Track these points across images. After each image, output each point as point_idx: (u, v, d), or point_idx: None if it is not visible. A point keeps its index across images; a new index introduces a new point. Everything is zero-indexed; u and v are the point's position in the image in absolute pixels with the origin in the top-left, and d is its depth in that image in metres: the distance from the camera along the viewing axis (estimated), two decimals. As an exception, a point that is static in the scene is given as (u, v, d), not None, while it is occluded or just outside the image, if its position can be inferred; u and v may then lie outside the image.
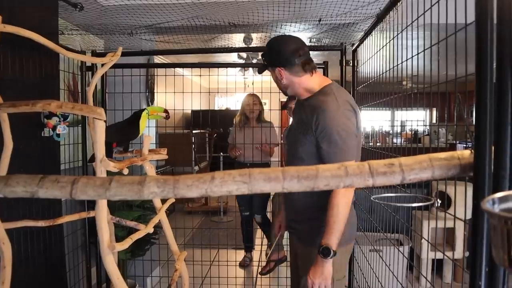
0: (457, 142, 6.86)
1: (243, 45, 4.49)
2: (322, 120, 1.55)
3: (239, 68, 6.43)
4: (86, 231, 2.91)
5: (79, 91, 3.01)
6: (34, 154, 2.22)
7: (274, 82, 1.78)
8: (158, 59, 5.77)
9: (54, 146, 2.43)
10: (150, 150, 1.94)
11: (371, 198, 1.77)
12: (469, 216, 0.85)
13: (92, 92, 2.11)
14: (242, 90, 7.64)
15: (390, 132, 5.90)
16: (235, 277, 3.42)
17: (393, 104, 1.97)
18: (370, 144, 4.64)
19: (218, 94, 9.75)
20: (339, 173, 0.83)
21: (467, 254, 1.46)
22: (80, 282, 2.97)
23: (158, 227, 2.08)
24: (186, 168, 6.13)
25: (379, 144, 5.97)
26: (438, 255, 3.24)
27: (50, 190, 0.89)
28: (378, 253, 2.39)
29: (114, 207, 2.80)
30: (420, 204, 2.71)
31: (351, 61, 2.65)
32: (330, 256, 1.49)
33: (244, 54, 5.60)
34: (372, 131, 5.69)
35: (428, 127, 7.74)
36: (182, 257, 2.00)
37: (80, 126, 2.95)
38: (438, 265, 3.59)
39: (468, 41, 1.04)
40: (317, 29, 2.92)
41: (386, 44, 1.94)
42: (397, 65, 1.78)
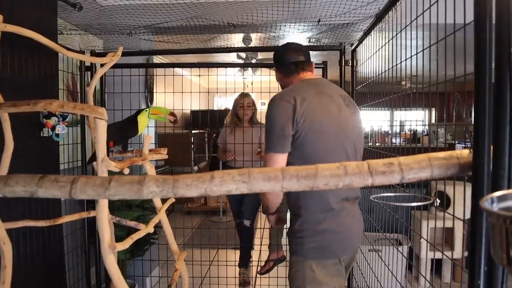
0: (456, 142, 6.87)
1: (242, 45, 4.49)
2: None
3: (238, 68, 6.42)
4: (86, 231, 2.91)
5: (78, 91, 3.01)
6: (33, 154, 2.22)
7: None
8: (157, 59, 5.77)
9: (53, 146, 2.43)
10: (151, 150, 1.94)
11: (370, 198, 1.77)
12: (468, 216, 0.86)
13: (92, 92, 2.11)
14: (241, 90, 7.63)
15: (389, 132, 5.91)
16: (235, 277, 3.41)
17: (392, 104, 1.97)
18: (369, 144, 4.64)
19: (217, 94, 9.76)
20: (338, 172, 0.83)
21: (466, 254, 1.46)
22: (79, 282, 2.97)
23: (158, 227, 2.08)
24: (185, 168, 6.12)
25: (378, 144, 5.97)
26: (437, 255, 3.24)
27: (49, 189, 0.89)
28: (377, 253, 2.39)
29: (114, 207, 2.80)
30: (419, 203, 2.72)
31: (350, 61, 2.66)
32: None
33: (243, 54, 5.60)
34: (371, 131, 5.69)
35: (427, 127, 7.75)
36: (182, 257, 2.01)
37: (79, 126, 2.95)
38: (437, 264, 3.59)
39: (467, 40, 1.05)
40: (316, 29, 2.92)
41: (385, 44, 1.95)
42: (395, 65, 1.78)
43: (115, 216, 2.12)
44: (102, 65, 2.05)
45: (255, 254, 4.06)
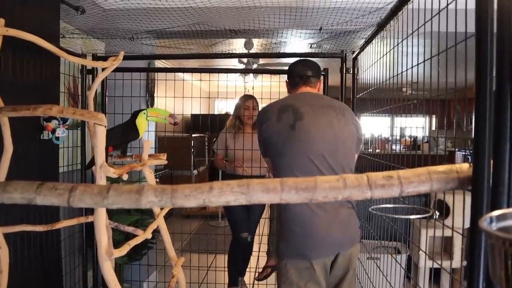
0: (456, 149, 6.87)
1: (244, 49, 4.51)
2: None
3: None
4: (83, 234, 2.90)
5: (79, 94, 3.01)
6: (32, 157, 2.22)
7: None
8: (159, 63, 5.77)
9: (53, 149, 2.42)
10: (150, 155, 1.94)
11: (369, 210, 1.76)
12: (467, 225, 0.85)
13: (93, 96, 2.11)
14: (242, 94, 7.63)
15: (390, 139, 5.91)
16: (232, 282, 3.40)
17: (392, 110, 1.98)
18: (369, 150, 4.63)
19: (218, 98, 9.76)
20: (338, 185, 0.83)
21: (465, 263, 1.46)
22: (76, 285, 2.96)
23: (156, 232, 2.07)
24: (185, 172, 6.11)
25: (378, 150, 5.97)
26: (436, 264, 3.22)
27: (47, 197, 0.88)
28: (375, 261, 2.38)
29: (112, 211, 2.79)
30: (418, 216, 2.73)
31: (351, 68, 2.66)
32: None
33: (244, 59, 5.60)
34: (371, 138, 5.69)
35: (427, 134, 7.74)
36: (179, 263, 2.00)
37: (79, 129, 2.95)
38: (436, 274, 3.57)
39: (468, 48, 1.04)
40: (318, 36, 2.93)
41: (386, 53, 1.95)
42: (397, 74, 1.78)
43: (114, 220, 2.11)
44: (103, 69, 2.06)
45: (253, 259, 4.04)
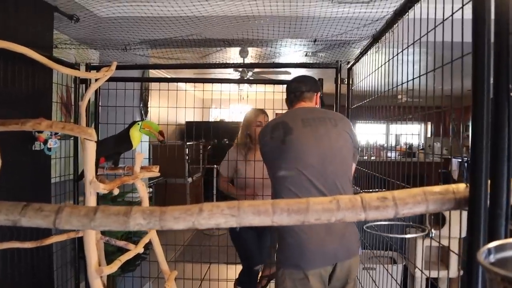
0: (452, 156, 6.87)
1: (239, 57, 4.50)
2: None
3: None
4: (76, 247, 2.85)
5: (72, 104, 2.98)
6: (24, 168, 2.18)
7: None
8: (153, 73, 5.74)
9: (45, 160, 2.39)
10: (142, 167, 1.91)
11: (364, 227, 1.74)
12: (463, 234, 0.83)
13: (85, 106, 2.09)
14: (236, 101, 7.63)
15: (385, 146, 5.90)
16: (227, 293, 3.36)
17: (388, 118, 1.97)
18: (364, 158, 4.61)
19: (213, 106, 9.75)
20: (331, 207, 0.81)
21: (462, 273, 1.44)
22: (68, 298, 2.91)
23: (149, 243, 2.04)
24: (179, 180, 6.06)
25: (374, 158, 5.95)
26: (433, 274, 3.20)
27: (33, 219, 0.86)
28: (368, 272, 2.36)
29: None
30: (414, 235, 2.73)
31: (346, 79, 2.65)
32: None
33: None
34: (367, 145, 5.68)
35: (423, 141, 7.75)
36: (172, 276, 1.97)
37: (72, 139, 2.92)
38: (433, 284, 3.55)
39: (464, 57, 1.02)
40: (313, 47, 2.92)
41: (380, 66, 1.94)
42: (393, 87, 1.77)
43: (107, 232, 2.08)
44: (96, 79, 2.03)
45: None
